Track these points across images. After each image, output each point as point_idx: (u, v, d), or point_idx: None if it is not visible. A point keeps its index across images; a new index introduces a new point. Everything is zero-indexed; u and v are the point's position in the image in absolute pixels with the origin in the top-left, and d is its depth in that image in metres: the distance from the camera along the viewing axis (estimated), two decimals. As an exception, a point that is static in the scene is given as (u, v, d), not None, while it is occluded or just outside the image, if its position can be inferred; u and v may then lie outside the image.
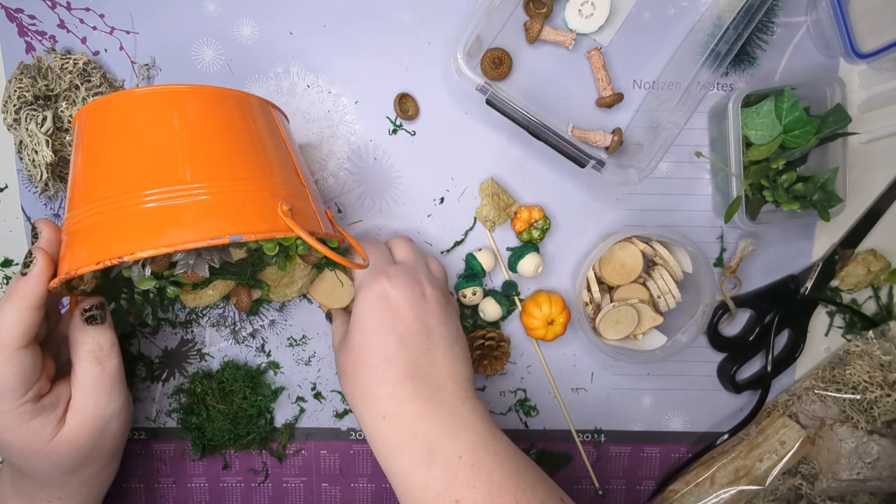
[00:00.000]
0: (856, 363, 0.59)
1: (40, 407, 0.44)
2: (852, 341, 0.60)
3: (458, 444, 0.45)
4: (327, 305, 0.57)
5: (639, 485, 0.63)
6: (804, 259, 0.60)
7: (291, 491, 0.62)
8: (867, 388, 0.58)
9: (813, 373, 0.60)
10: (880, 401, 0.57)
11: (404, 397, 0.46)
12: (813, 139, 0.53)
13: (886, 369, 0.58)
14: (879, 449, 0.56)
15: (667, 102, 0.55)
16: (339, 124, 0.57)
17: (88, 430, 0.46)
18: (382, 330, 0.47)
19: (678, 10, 0.56)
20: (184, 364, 0.60)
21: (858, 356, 0.59)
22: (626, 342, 0.58)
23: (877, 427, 0.57)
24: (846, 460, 0.57)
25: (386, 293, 0.48)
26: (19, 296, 0.41)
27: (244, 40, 0.56)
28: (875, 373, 0.58)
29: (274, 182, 0.42)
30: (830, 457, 0.58)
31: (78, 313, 0.45)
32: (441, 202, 0.58)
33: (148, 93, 0.41)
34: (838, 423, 0.58)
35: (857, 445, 0.57)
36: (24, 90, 0.52)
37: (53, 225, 0.43)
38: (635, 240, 0.57)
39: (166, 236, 0.37)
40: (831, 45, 0.56)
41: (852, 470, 0.57)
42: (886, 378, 0.58)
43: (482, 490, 0.43)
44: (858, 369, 0.58)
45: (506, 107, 0.51)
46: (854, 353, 0.59)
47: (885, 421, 0.57)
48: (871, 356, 0.59)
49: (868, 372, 0.58)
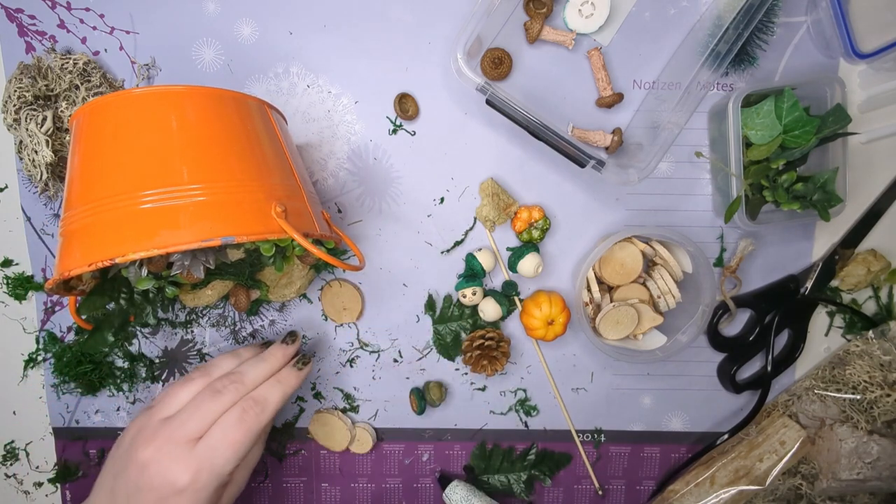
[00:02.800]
0: (856, 363, 0.59)
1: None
2: (852, 341, 0.60)
3: None
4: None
5: (639, 485, 0.63)
6: (804, 259, 0.60)
7: (291, 491, 0.62)
8: (867, 388, 0.58)
9: (813, 373, 0.60)
10: (880, 401, 0.57)
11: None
12: (813, 139, 0.53)
13: (886, 369, 0.58)
14: (879, 449, 0.56)
15: (667, 102, 0.55)
16: (339, 124, 0.57)
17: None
18: None
19: (678, 10, 0.56)
20: (184, 364, 0.60)
21: (858, 356, 0.59)
22: (626, 342, 0.58)
23: (877, 427, 0.57)
24: (846, 460, 0.57)
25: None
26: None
27: (244, 40, 0.56)
28: (875, 373, 0.58)
29: (270, 183, 0.42)
30: (830, 457, 0.58)
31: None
32: (441, 202, 0.58)
33: (145, 93, 0.41)
34: (838, 423, 0.58)
35: (857, 445, 0.57)
36: (24, 90, 0.52)
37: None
38: (635, 240, 0.57)
39: (159, 238, 0.37)
40: (831, 45, 0.56)
41: (852, 470, 0.57)
42: (886, 378, 0.57)
43: None
44: (858, 369, 0.58)
45: (506, 107, 0.51)
46: (854, 353, 0.59)
47: (885, 421, 0.57)
48: (871, 356, 0.59)
49: (868, 372, 0.58)
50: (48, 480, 0.62)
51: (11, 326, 0.59)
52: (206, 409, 0.44)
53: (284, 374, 0.49)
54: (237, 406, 0.45)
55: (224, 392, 0.45)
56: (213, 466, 0.43)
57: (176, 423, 0.44)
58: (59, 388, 0.60)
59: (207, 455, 0.43)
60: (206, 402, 0.44)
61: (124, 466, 0.44)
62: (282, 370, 0.49)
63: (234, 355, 0.51)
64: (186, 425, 0.43)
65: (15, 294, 0.58)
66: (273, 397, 0.46)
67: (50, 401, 0.60)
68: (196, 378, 0.47)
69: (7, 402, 0.61)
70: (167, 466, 0.42)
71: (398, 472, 0.62)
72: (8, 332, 0.59)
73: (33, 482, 0.62)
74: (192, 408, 0.44)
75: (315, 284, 0.59)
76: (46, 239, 0.58)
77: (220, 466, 0.43)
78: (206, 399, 0.44)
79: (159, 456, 0.43)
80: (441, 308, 0.59)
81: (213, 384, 0.46)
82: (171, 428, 0.44)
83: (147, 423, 0.45)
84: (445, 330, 0.59)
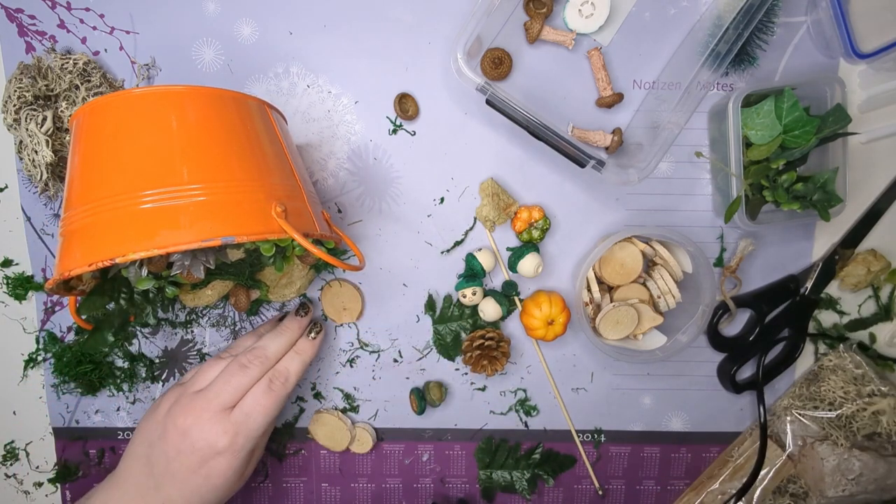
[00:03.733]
0: (829, 378, 0.59)
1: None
2: (826, 356, 0.60)
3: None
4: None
5: (639, 485, 0.63)
6: (804, 259, 0.60)
7: (291, 491, 0.62)
8: (843, 404, 0.58)
9: (790, 391, 0.60)
10: (858, 415, 0.57)
11: None
12: (813, 139, 0.53)
13: (860, 382, 0.58)
14: (861, 464, 0.56)
15: (667, 102, 0.55)
16: (339, 124, 0.57)
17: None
18: None
19: (678, 10, 0.56)
20: (184, 364, 0.60)
21: (832, 371, 0.59)
22: (626, 342, 0.58)
23: (857, 441, 0.57)
24: (830, 478, 0.57)
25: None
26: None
27: (244, 40, 0.56)
28: (849, 387, 0.58)
29: (270, 183, 0.42)
30: (815, 475, 0.58)
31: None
32: (441, 202, 0.58)
33: (145, 93, 0.41)
34: (818, 441, 0.58)
35: (838, 463, 0.57)
36: (24, 90, 0.52)
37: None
38: (635, 240, 0.57)
39: (159, 238, 0.37)
40: (831, 45, 0.56)
41: (837, 487, 0.57)
42: (860, 392, 0.57)
43: None
44: (833, 384, 0.58)
45: (506, 107, 0.51)
46: (827, 368, 0.59)
47: (865, 434, 0.57)
48: (843, 370, 0.59)
49: (842, 387, 0.58)
50: (48, 480, 0.62)
51: (11, 326, 0.59)
52: (236, 382, 0.49)
53: (302, 345, 0.54)
54: (265, 378, 0.50)
55: (250, 366, 0.50)
56: (249, 430, 0.48)
57: (211, 395, 0.48)
58: (59, 388, 0.60)
59: (243, 420, 0.48)
60: (235, 376, 0.49)
61: (162, 434, 0.48)
62: (299, 341, 0.54)
63: (253, 334, 0.55)
64: (221, 396, 0.48)
65: (15, 294, 0.58)
66: (294, 368, 0.52)
67: (50, 401, 0.60)
68: (225, 358, 0.52)
69: (7, 402, 0.61)
70: (208, 431, 0.47)
71: (398, 472, 0.62)
72: (8, 332, 0.59)
73: (33, 482, 0.62)
74: (223, 381, 0.49)
75: (315, 284, 0.59)
76: (46, 239, 0.58)
77: (254, 430, 0.48)
78: (236, 373, 0.49)
79: (199, 423, 0.47)
80: (441, 308, 0.59)
81: (240, 359, 0.50)
82: (206, 399, 0.48)
83: (180, 396, 0.49)
84: (445, 330, 0.59)
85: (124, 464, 0.50)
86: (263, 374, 0.50)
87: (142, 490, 0.48)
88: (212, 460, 0.47)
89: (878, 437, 0.57)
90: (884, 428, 0.57)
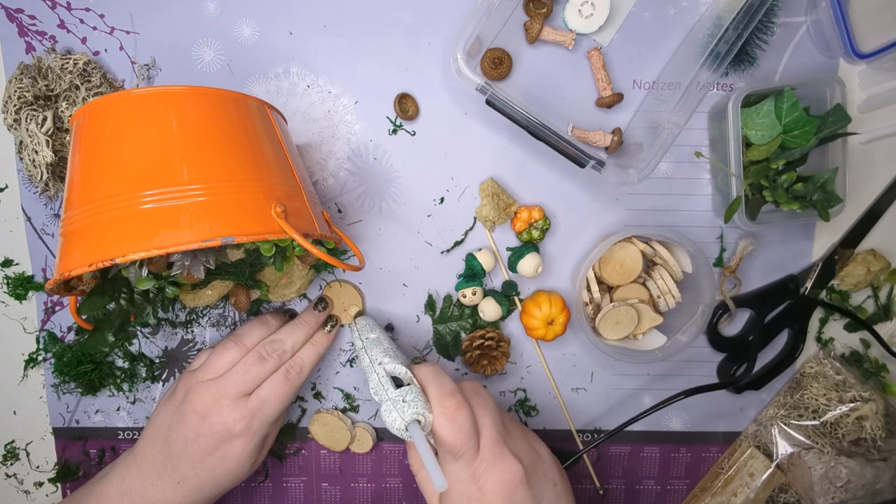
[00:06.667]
0: (811, 386, 0.59)
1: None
2: (807, 363, 0.60)
3: None
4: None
5: (639, 484, 0.63)
6: (804, 259, 0.60)
7: (291, 491, 0.62)
8: (826, 411, 0.58)
9: (775, 400, 0.61)
10: (842, 421, 0.57)
11: None
12: (813, 139, 0.53)
13: (841, 388, 0.58)
14: (848, 471, 0.56)
15: (667, 102, 0.55)
16: (339, 124, 0.57)
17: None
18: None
19: (678, 10, 0.56)
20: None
21: (813, 378, 0.59)
22: (626, 342, 0.58)
23: (844, 448, 0.57)
24: (818, 486, 0.57)
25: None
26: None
27: (244, 40, 0.56)
28: (831, 393, 0.58)
29: (270, 183, 0.42)
30: (805, 484, 0.58)
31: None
32: (441, 202, 0.58)
33: (145, 94, 0.41)
34: (804, 450, 0.58)
35: (825, 471, 0.56)
36: (24, 90, 0.52)
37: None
38: (635, 240, 0.57)
39: (159, 238, 0.37)
40: (831, 45, 0.56)
41: (827, 495, 0.57)
42: (842, 397, 0.57)
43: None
44: (815, 391, 0.58)
45: (506, 107, 0.51)
46: (809, 375, 0.59)
47: (850, 441, 0.57)
48: (825, 376, 0.59)
49: (824, 394, 0.58)
50: (48, 480, 0.62)
51: (11, 326, 0.59)
52: (254, 372, 0.51)
53: (318, 338, 0.55)
54: (282, 368, 0.52)
55: (268, 359, 0.52)
56: (264, 415, 0.51)
57: (229, 383, 0.50)
58: (60, 388, 0.60)
59: (259, 406, 0.50)
60: (254, 366, 0.51)
61: (181, 417, 0.50)
62: (315, 334, 0.55)
63: (261, 323, 0.55)
64: (239, 385, 0.50)
65: (15, 294, 0.58)
66: (309, 359, 0.54)
67: (50, 401, 0.60)
68: (230, 346, 0.53)
69: (7, 402, 0.61)
70: (226, 415, 0.49)
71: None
72: (8, 332, 0.59)
73: (33, 482, 0.62)
74: (242, 371, 0.51)
75: (315, 284, 0.59)
76: (46, 239, 0.58)
77: (269, 415, 0.51)
78: (254, 364, 0.51)
79: (218, 408, 0.50)
80: (441, 308, 0.59)
81: (259, 351, 0.52)
82: (224, 386, 0.50)
83: (197, 384, 0.51)
84: (445, 330, 0.59)
85: (142, 443, 0.52)
86: (280, 366, 0.52)
87: (158, 468, 0.51)
88: (228, 443, 0.50)
89: (863, 443, 0.57)
90: (868, 433, 0.57)
